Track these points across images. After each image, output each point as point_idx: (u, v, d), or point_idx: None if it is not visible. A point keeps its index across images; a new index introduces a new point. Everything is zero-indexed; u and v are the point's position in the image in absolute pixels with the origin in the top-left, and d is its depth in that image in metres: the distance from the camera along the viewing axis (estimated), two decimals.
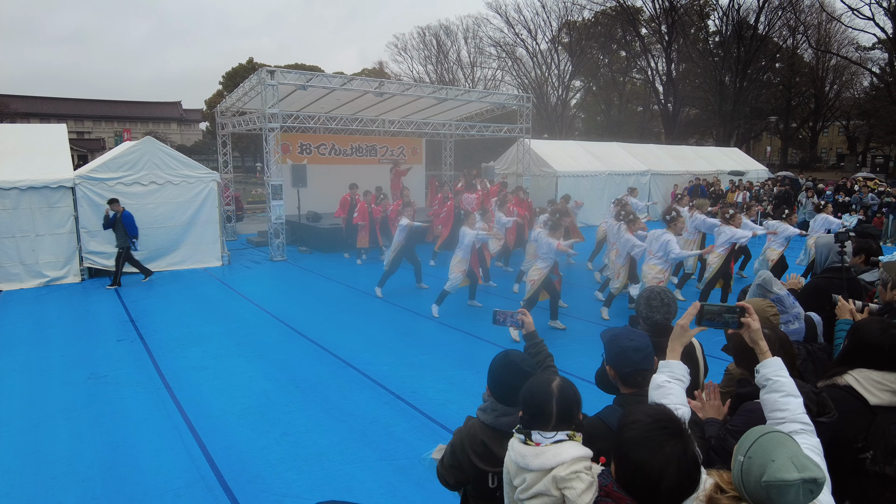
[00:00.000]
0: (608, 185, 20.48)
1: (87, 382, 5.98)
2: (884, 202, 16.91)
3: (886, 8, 34.58)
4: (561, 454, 1.65)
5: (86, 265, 10.90)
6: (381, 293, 9.63)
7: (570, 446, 1.68)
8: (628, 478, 1.47)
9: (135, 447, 4.61)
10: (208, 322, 8.23)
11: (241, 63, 51.04)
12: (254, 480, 4.13)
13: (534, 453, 1.68)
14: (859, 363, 2.23)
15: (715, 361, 3.01)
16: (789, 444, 1.43)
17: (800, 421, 1.74)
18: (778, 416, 1.77)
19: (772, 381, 1.84)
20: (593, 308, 8.79)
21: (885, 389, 2.15)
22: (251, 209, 24.13)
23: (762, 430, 1.50)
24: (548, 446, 1.68)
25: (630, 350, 2.14)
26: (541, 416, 1.74)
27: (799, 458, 1.38)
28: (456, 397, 5.58)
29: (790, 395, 1.79)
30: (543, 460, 1.65)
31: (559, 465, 1.63)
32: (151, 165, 11.41)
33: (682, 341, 2.00)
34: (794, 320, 2.76)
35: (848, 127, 48.20)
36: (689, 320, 2.01)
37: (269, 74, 12.48)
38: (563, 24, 45.49)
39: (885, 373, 2.16)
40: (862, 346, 2.25)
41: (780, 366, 1.86)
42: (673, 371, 1.91)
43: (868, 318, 2.51)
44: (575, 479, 1.59)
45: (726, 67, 39.98)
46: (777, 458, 1.38)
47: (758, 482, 1.38)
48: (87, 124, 60.82)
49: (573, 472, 1.60)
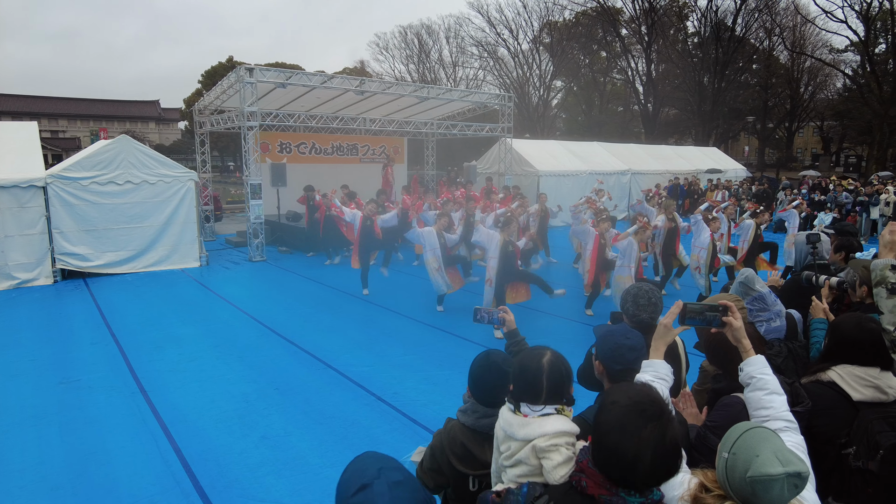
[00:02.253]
0: (589, 184, 20.53)
1: (59, 387, 5.80)
2: (857, 200, 17.26)
3: (858, 11, 35.38)
4: (545, 426, 1.67)
5: (58, 266, 10.62)
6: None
7: (556, 420, 1.69)
8: (602, 460, 1.43)
9: (107, 454, 4.48)
10: (186, 324, 8.06)
11: (221, 61, 50.46)
12: (231, 486, 4.03)
13: (520, 423, 1.70)
14: (841, 360, 2.24)
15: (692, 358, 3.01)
16: (773, 439, 1.43)
17: (784, 418, 1.74)
18: (763, 414, 1.77)
19: (756, 379, 1.84)
20: (578, 307, 8.81)
21: (867, 385, 2.16)
22: (230, 209, 23.82)
23: (746, 427, 1.49)
24: (535, 418, 1.70)
25: (625, 348, 2.10)
26: (531, 390, 1.74)
27: (783, 453, 1.38)
28: (438, 398, 5.53)
29: (774, 392, 1.79)
30: (528, 431, 1.67)
31: (541, 437, 1.64)
32: (127, 164, 11.16)
33: (665, 340, 1.99)
34: (775, 318, 2.76)
35: (822, 127, 49.25)
36: (672, 319, 1.99)
37: (247, 72, 12.30)
38: (544, 25, 45.79)
39: (867, 368, 2.18)
40: (842, 343, 2.26)
41: (763, 363, 1.86)
42: (657, 370, 1.89)
43: (845, 315, 2.52)
44: (554, 451, 1.60)
45: (705, 68, 40.57)
46: (761, 454, 1.37)
47: (742, 478, 1.38)
48: (61, 123, 59.60)
49: (553, 444, 1.62)
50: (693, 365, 2.90)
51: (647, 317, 2.72)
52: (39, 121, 16.31)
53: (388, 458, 1.50)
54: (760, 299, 2.77)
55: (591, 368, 2.35)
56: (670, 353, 2.03)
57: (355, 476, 1.39)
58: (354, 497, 1.32)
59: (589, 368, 2.50)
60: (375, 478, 1.35)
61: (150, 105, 65.81)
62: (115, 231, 11.17)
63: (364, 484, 1.34)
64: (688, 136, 44.53)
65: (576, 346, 5.98)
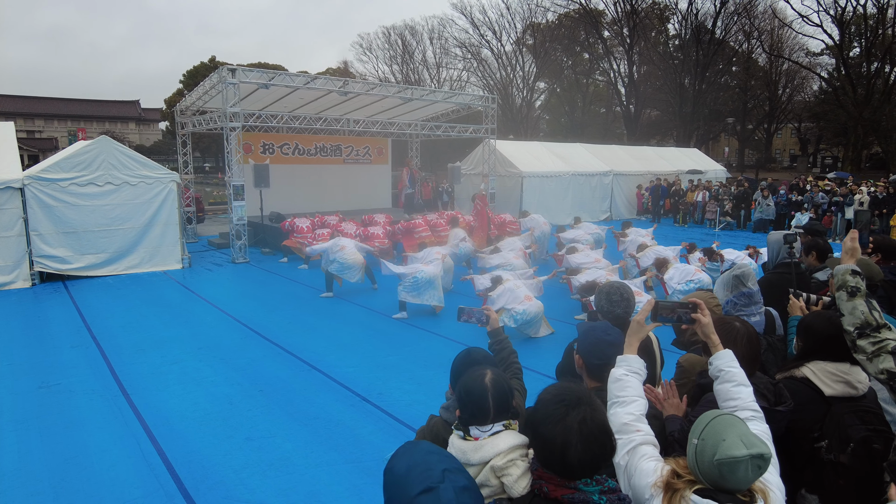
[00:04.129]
0: (572, 185, 20.78)
1: (38, 391, 5.72)
2: (832, 201, 17.63)
3: (833, 15, 36.11)
4: (498, 444, 1.69)
5: (37, 269, 10.45)
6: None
7: (506, 436, 1.72)
8: (540, 455, 1.52)
9: (89, 458, 4.44)
10: (168, 326, 7.99)
11: (204, 61, 49.93)
12: (215, 487, 4.02)
13: (473, 447, 1.71)
14: (814, 356, 2.33)
15: (667, 355, 3.08)
16: (738, 424, 1.53)
17: (750, 408, 1.83)
18: (731, 405, 1.85)
19: (724, 372, 1.93)
20: (562, 307, 8.88)
21: (838, 380, 2.24)
22: (212, 210, 23.61)
23: (713, 414, 1.59)
24: (486, 439, 1.71)
25: (604, 344, 2.17)
26: (479, 412, 1.75)
27: (747, 437, 1.48)
28: (423, 397, 5.56)
29: (741, 384, 1.89)
30: (483, 453, 1.68)
31: (497, 456, 1.66)
32: (107, 165, 11.02)
33: (638, 336, 2.05)
34: (756, 314, 2.87)
35: (800, 129, 50.16)
36: (645, 316, 2.07)
37: (230, 73, 12.22)
38: (527, 26, 46.00)
39: (838, 363, 2.26)
40: (812, 340, 2.35)
41: (731, 357, 1.96)
42: (630, 365, 1.96)
43: (814, 313, 2.61)
44: (511, 467, 1.63)
45: (686, 70, 41.07)
46: (727, 438, 1.48)
47: (711, 461, 1.48)
48: (38, 123, 58.45)
49: (509, 460, 1.65)
50: (669, 361, 2.97)
51: (620, 312, 2.81)
52: (15, 120, 15.99)
53: (448, 456, 1.51)
54: (748, 296, 2.86)
55: (569, 365, 2.41)
56: (643, 348, 2.09)
57: (419, 474, 1.36)
58: (419, 498, 1.31)
59: (566, 365, 2.55)
60: (441, 481, 1.34)
61: (130, 105, 64.83)
62: (96, 233, 11.01)
63: (430, 486, 1.32)
64: (669, 138, 45.04)
65: (562, 345, 6.05)
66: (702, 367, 2.42)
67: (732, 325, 2.30)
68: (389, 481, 1.40)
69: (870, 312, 2.16)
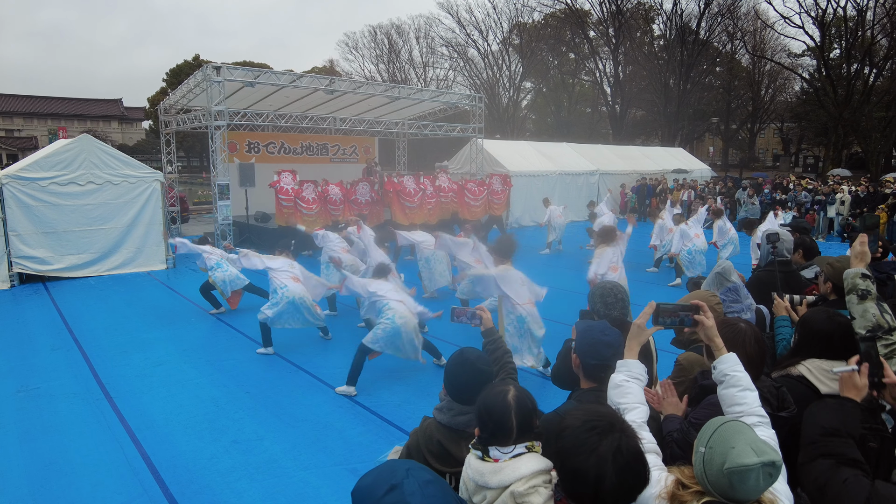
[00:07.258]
0: (559, 184, 20.85)
1: (17, 395, 5.58)
2: (815, 199, 17.88)
3: (814, 17, 36.64)
4: (520, 468, 1.59)
5: (16, 270, 10.23)
6: None
7: (529, 459, 1.62)
8: (569, 487, 1.42)
9: (70, 463, 4.33)
10: (152, 328, 7.86)
11: (187, 59, 49.38)
12: (202, 492, 3.94)
13: (492, 470, 1.61)
14: (810, 353, 2.30)
15: (664, 355, 3.07)
16: (747, 431, 1.46)
17: (757, 414, 1.77)
18: (736, 410, 1.79)
19: (729, 377, 1.86)
20: (560, 308, 8.86)
21: (834, 378, 2.22)
22: (197, 210, 23.33)
23: (720, 421, 1.52)
24: (506, 462, 1.61)
25: (602, 344, 2.12)
26: (501, 432, 1.66)
27: (757, 444, 1.41)
28: (412, 398, 5.52)
29: (747, 389, 1.82)
30: (502, 477, 1.58)
31: (518, 481, 1.56)
32: (89, 164, 10.82)
33: (639, 340, 1.99)
34: (746, 310, 2.86)
35: (782, 129, 50.85)
36: (646, 319, 2.01)
37: (214, 71, 12.08)
38: (513, 26, 46.14)
39: (835, 361, 2.24)
40: (811, 337, 2.32)
41: (735, 361, 1.88)
42: (631, 370, 1.91)
43: (814, 310, 2.60)
44: (533, 494, 1.53)
45: (670, 70, 41.45)
46: (737, 445, 1.40)
47: (720, 470, 1.41)
48: (17, 121, 57.38)
49: (531, 486, 1.55)
50: (664, 361, 2.96)
51: (617, 313, 2.77)
52: None
53: (413, 461, 1.47)
54: (734, 291, 2.86)
55: (565, 368, 2.37)
56: (643, 351, 2.05)
57: (382, 478, 1.35)
58: (385, 497, 1.29)
59: (562, 368, 2.51)
60: (405, 477, 1.32)
61: (112, 104, 63.88)
62: (77, 233, 10.81)
63: (394, 484, 1.31)
64: (654, 137, 45.42)
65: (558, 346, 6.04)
66: (701, 366, 2.40)
67: (737, 327, 2.22)
68: (356, 497, 1.37)
69: (881, 315, 2.14)
